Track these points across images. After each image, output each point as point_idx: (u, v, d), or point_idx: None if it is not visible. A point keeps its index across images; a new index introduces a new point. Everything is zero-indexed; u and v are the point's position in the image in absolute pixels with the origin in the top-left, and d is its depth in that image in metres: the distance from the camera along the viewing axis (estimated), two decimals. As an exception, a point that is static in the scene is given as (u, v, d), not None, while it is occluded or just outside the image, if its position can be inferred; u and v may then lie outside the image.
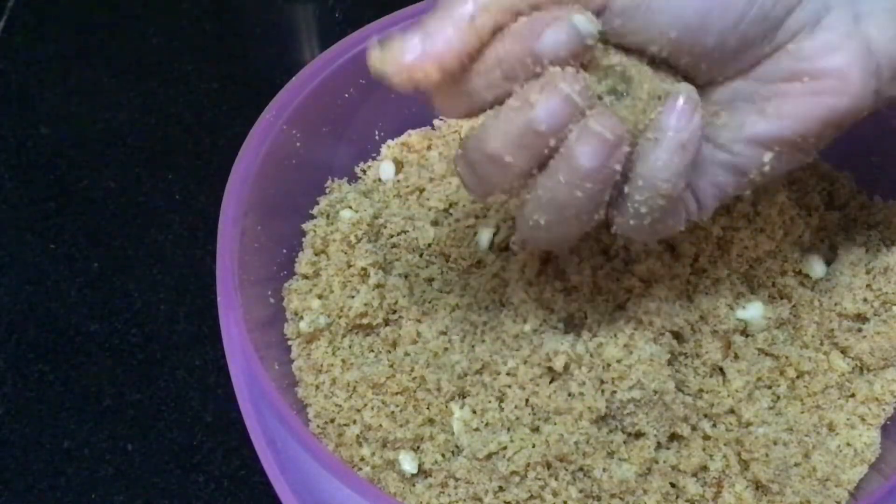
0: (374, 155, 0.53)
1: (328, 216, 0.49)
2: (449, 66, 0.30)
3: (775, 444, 0.40)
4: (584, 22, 0.30)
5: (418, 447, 0.41)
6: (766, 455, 0.39)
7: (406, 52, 0.30)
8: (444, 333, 0.43)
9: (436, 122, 0.54)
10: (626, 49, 0.32)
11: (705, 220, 0.37)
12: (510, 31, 0.31)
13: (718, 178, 0.34)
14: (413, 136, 0.53)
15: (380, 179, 0.51)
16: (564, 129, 0.30)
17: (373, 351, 0.44)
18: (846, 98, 0.31)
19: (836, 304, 0.44)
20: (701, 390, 0.41)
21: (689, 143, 0.31)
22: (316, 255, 0.47)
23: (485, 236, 0.45)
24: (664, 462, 0.39)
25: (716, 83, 0.34)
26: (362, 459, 0.41)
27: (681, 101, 0.31)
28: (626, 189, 0.32)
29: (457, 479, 0.39)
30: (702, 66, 0.33)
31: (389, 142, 0.53)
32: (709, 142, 0.33)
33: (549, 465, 0.38)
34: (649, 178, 0.31)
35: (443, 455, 0.40)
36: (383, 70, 0.31)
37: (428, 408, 0.41)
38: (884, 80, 0.32)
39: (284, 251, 0.47)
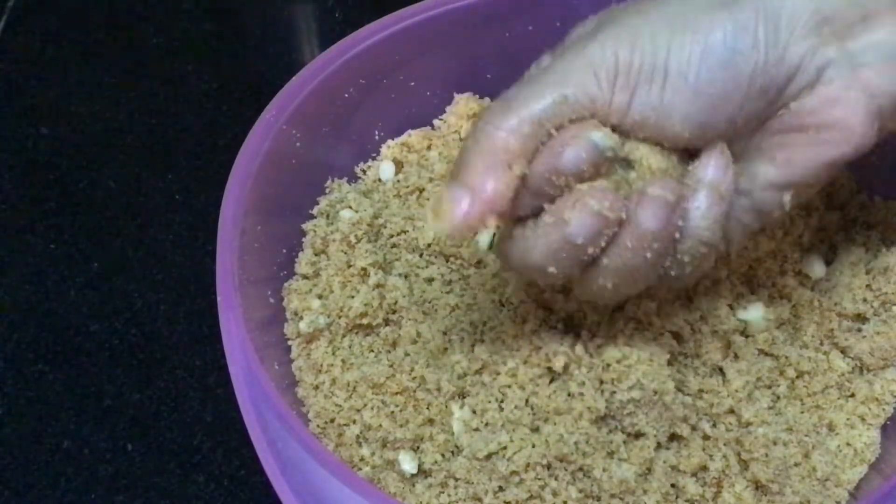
0: (374, 155, 0.53)
1: (328, 216, 0.49)
2: (501, 210, 0.32)
3: (775, 444, 0.40)
4: (602, 138, 0.32)
5: (418, 447, 0.41)
6: (766, 455, 0.39)
7: (457, 209, 0.32)
8: (444, 333, 0.43)
9: (435, 122, 0.54)
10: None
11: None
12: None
13: (744, 220, 0.36)
14: (413, 136, 0.53)
15: (380, 179, 0.51)
16: (601, 238, 0.32)
17: (373, 351, 0.44)
18: (849, 145, 0.33)
19: (835, 304, 0.43)
20: (701, 390, 0.41)
21: (726, 193, 0.34)
22: (316, 255, 0.47)
23: (485, 236, 0.45)
24: (664, 462, 0.39)
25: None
26: (362, 459, 0.41)
27: (716, 154, 0.33)
28: None
29: (457, 479, 0.39)
30: (713, 141, 0.34)
31: (389, 142, 0.53)
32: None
33: (548, 466, 0.38)
34: (692, 229, 0.33)
35: (443, 455, 0.40)
36: (440, 228, 0.32)
37: (428, 408, 0.41)
38: (886, 118, 0.33)
39: (284, 251, 0.47)
